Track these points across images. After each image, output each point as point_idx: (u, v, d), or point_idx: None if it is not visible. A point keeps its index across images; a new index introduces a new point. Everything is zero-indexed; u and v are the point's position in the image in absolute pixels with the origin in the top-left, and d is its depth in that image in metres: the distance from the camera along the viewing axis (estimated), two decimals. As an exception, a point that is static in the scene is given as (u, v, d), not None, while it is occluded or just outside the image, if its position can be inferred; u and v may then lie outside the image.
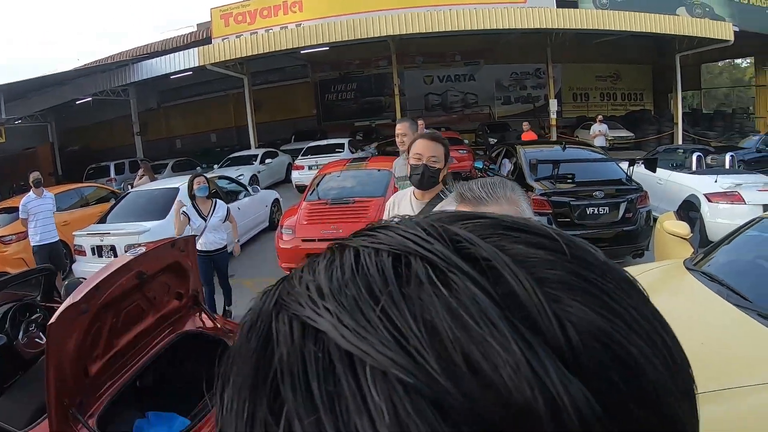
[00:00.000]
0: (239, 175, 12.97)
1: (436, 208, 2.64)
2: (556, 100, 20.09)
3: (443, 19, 16.05)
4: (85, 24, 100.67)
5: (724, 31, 17.63)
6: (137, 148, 21.55)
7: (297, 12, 18.96)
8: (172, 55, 17.79)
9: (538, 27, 16.65)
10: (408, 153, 2.72)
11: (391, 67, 19.36)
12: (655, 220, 6.99)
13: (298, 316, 0.27)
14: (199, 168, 18.39)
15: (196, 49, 17.10)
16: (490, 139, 19.77)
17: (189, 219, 5.50)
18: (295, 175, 14.90)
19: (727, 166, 9.21)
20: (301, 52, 19.20)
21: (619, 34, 18.16)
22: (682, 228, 4.69)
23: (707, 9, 19.50)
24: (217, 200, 5.89)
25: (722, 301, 2.75)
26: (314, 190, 7.92)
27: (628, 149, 19.19)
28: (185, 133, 26.28)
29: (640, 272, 3.34)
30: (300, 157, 15.67)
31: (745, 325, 2.50)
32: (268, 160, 17.03)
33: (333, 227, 6.81)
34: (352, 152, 15.94)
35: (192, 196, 5.63)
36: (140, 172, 11.86)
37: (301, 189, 14.01)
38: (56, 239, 7.52)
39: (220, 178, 9.76)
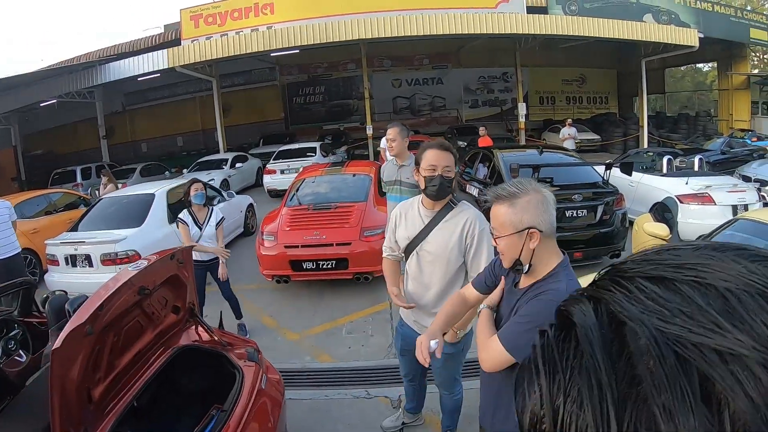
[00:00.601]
0: (210, 180, 12.67)
1: (448, 216, 2.63)
2: (524, 104, 20.32)
3: (414, 23, 16.06)
4: (85, 24, 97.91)
5: (690, 37, 18.19)
6: (103, 152, 20.96)
7: (268, 14, 18.74)
8: (140, 56, 17.20)
9: (508, 32, 16.82)
10: (417, 165, 2.69)
11: (360, 70, 19.30)
12: (631, 222, 7.14)
13: (706, 345, 0.37)
14: (167, 173, 17.98)
15: (165, 50, 16.61)
16: (460, 143, 19.82)
17: (188, 226, 5.35)
18: (267, 179, 14.73)
19: (696, 168, 9.45)
20: (271, 54, 18.98)
21: (586, 40, 18.47)
22: (662, 229, 4.86)
23: (673, 16, 20.15)
24: (213, 208, 5.72)
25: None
26: (294, 195, 7.81)
27: (594, 151, 19.61)
28: (151, 136, 25.54)
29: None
30: (272, 161, 15.46)
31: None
32: (238, 164, 16.75)
33: (315, 233, 6.74)
34: (324, 156, 15.85)
35: (188, 203, 5.46)
36: (104, 180, 11.56)
37: (273, 193, 13.86)
38: (15, 252, 6.66)
39: (194, 183, 9.48)
